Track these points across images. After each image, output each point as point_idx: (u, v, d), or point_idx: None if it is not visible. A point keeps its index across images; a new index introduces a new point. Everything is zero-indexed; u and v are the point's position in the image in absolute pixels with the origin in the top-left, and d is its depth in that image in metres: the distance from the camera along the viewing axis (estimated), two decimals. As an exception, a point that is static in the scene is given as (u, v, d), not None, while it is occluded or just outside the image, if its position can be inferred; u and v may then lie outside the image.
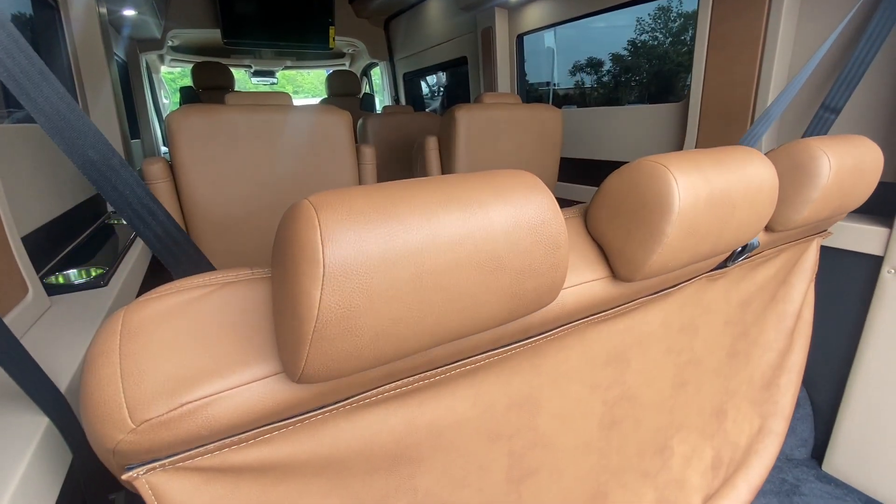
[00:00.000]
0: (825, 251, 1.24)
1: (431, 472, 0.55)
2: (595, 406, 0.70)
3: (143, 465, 0.37)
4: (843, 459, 1.32)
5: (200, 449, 0.38)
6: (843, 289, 1.27)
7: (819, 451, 1.40)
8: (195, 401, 0.35)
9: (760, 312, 0.98)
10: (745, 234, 0.65)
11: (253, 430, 0.40)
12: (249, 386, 0.37)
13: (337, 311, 0.32)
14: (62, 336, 0.70)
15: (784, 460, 1.40)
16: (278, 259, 0.35)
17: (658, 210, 0.53)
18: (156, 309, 0.38)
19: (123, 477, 0.36)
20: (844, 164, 0.77)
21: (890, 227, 1.14)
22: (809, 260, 1.04)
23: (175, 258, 0.47)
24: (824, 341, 1.32)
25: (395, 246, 0.33)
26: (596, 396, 0.69)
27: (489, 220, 0.38)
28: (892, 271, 1.15)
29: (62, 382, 0.58)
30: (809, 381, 1.39)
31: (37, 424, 0.50)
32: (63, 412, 0.52)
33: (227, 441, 0.39)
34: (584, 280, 0.57)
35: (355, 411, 0.47)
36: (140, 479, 0.36)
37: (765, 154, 0.72)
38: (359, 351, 0.35)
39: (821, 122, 1.15)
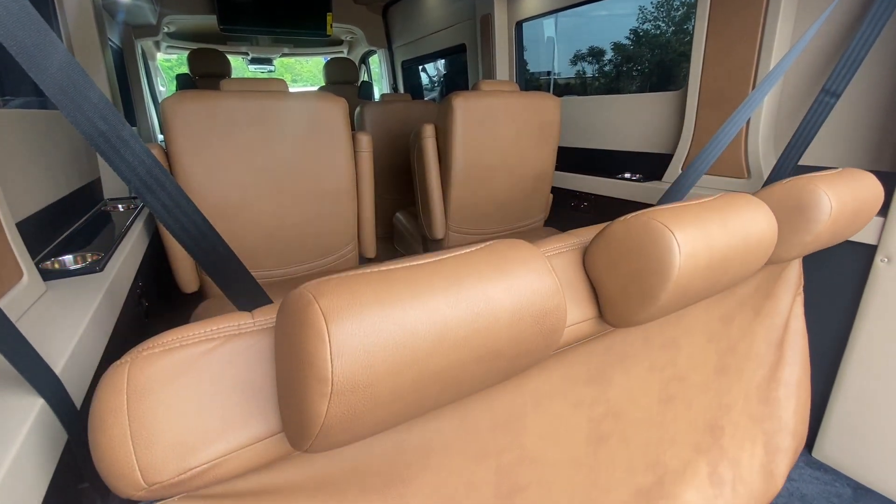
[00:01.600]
0: None
1: (422, 491, 0.56)
2: (580, 423, 0.71)
3: (154, 502, 0.39)
4: (832, 446, 1.34)
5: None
6: (836, 277, 1.28)
7: (809, 438, 1.42)
8: (203, 464, 0.37)
9: (747, 327, 0.98)
10: (733, 283, 0.67)
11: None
12: (254, 446, 0.39)
13: (341, 418, 0.34)
14: (57, 320, 0.71)
15: (775, 447, 1.41)
16: (285, 356, 0.36)
17: (657, 276, 0.55)
18: (160, 367, 0.38)
19: None
20: (845, 205, 0.77)
21: (884, 216, 1.15)
22: (793, 273, 1.04)
23: (183, 228, 0.48)
24: (817, 328, 1.33)
25: (403, 355, 0.34)
26: (580, 413, 0.71)
27: (495, 317, 0.39)
28: (885, 260, 1.15)
29: (57, 364, 0.58)
30: None
31: (31, 405, 0.51)
32: (58, 393, 0.53)
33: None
34: (573, 322, 0.59)
35: None
36: None
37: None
38: (359, 435, 0.37)
39: (821, 106, 1.15)
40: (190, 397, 0.38)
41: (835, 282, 1.29)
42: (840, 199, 0.76)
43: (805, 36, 0.98)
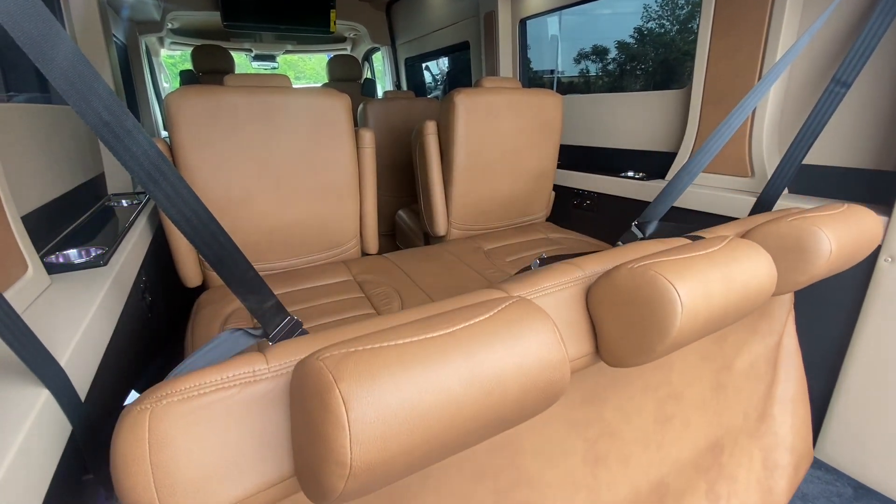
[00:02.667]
0: None
1: None
2: (576, 444, 0.73)
3: None
4: (835, 446, 1.34)
5: None
6: (839, 277, 1.28)
7: (812, 438, 1.42)
8: None
9: (742, 346, 0.98)
10: (728, 325, 0.69)
11: None
12: (268, 491, 0.42)
13: (356, 491, 0.36)
14: (62, 313, 0.71)
15: (776, 446, 1.41)
16: (303, 429, 0.38)
17: (657, 330, 0.57)
18: (179, 414, 0.40)
19: None
20: (844, 247, 0.78)
21: (888, 215, 1.14)
22: (786, 294, 1.04)
23: (186, 219, 0.48)
24: (819, 329, 1.32)
25: (416, 437, 0.37)
26: (575, 435, 0.72)
27: (505, 395, 0.42)
28: (890, 259, 1.15)
29: (62, 357, 0.59)
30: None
31: (36, 396, 0.51)
32: (63, 385, 0.53)
33: None
34: (571, 358, 0.61)
35: None
36: None
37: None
38: (375, 484, 0.40)
39: (831, 95, 1.14)
40: (209, 447, 0.40)
41: (838, 281, 1.28)
42: (840, 241, 0.78)
43: (811, 28, 0.98)
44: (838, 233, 0.78)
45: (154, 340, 1.21)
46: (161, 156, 0.46)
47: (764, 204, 1.19)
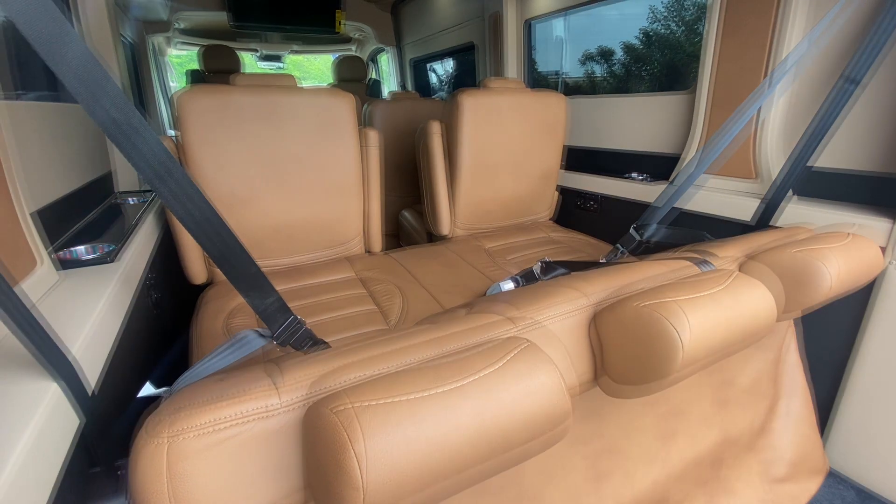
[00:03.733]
0: None
1: None
2: (576, 461, 0.74)
3: None
4: (839, 450, 1.33)
5: None
6: None
7: (822, 451, 1.41)
8: None
9: (745, 361, 0.99)
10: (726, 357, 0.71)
11: None
12: None
13: None
14: (72, 307, 0.72)
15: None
16: (316, 480, 0.40)
17: (657, 371, 0.59)
18: (196, 451, 0.42)
19: None
20: (845, 279, 0.82)
21: (893, 219, 1.14)
22: None
23: (190, 215, 0.49)
24: (823, 334, 1.32)
25: (425, 494, 0.39)
26: (576, 451, 0.73)
27: (508, 441, 0.44)
28: (895, 263, 1.14)
29: (72, 349, 0.60)
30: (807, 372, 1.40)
31: (47, 389, 0.52)
32: (73, 378, 0.54)
33: None
34: (572, 385, 0.63)
35: None
36: None
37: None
38: None
39: (840, 92, 1.13)
40: (225, 480, 0.42)
41: None
42: (840, 274, 0.81)
43: (818, 25, 0.98)
44: (839, 267, 0.82)
45: (159, 336, 1.23)
46: (167, 153, 0.47)
47: (769, 209, 1.18)
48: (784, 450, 1.07)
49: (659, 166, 1.93)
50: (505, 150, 1.85)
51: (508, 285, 1.15)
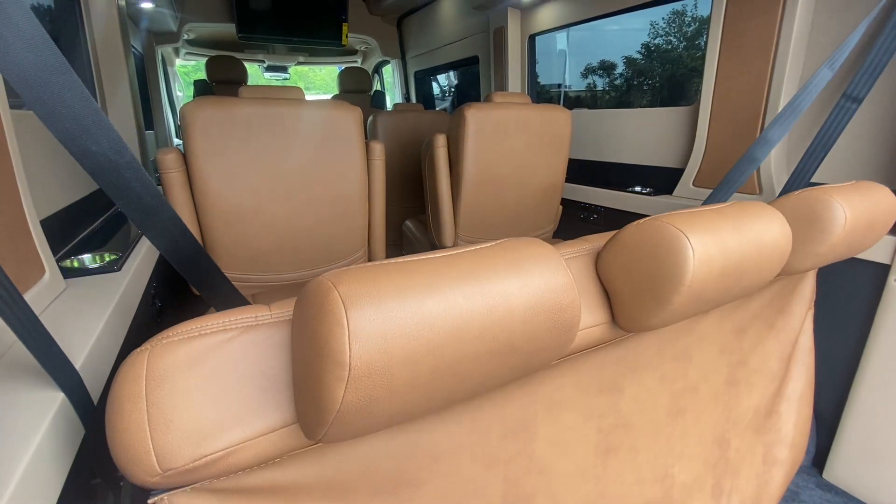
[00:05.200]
0: None
1: (430, 495, 0.56)
2: (590, 434, 0.71)
3: (166, 491, 0.39)
4: (844, 467, 1.31)
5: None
6: (849, 296, 1.27)
7: (820, 459, 1.39)
8: (217, 452, 0.38)
9: (759, 341, 0.97)
10: (747, 292, 0.66)
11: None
12: (268, 436, 0.40)
13: (358, 405, 0.34)
14: (77, 317, 0.72)
15: (785, 467, 1.39)
16: (302, 343, 0.37)
17: (670, 281, 0.54)
18: (179, 355, 0.39)
19: (149, 501, 0.39)
20: (859, 216, 0.76)
21: (897, 235, 1.14)
22: (807, 287, 1.03)
23: (161, 234, 0.50)
24: (828, 348, 1.31)
25: (419, 345, 0.35)
26: (591, 424, 0.70)
27: (510, 311, 0.39)
28: (899, 279, 1.14)
29: (76, 361, 0.60)
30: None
31: (52, 399, 0.52)
32: (77, 389, 0.54)
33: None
34: (586, 326, 0.58)
35: (359, 438, 0.49)
36: (164, 500, 0.39)
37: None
38: (374, 426, 0.38)
39: (842, 111, 1.14)
40: (207, 386, 0.39)
41: (848, 301, 1.27)
42: (854, 211, 0.75)
43: (839, 51, 0.98)
44: (852, 202, 0.75)
45: None
46: (157, 196, 0.49)
47: None
48: (787, 433, 1.07)
49: (662, 180, 1.93)
50: (509, 163, 1.86)
51: None
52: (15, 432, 0.47)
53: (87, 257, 1.01)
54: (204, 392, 0.39)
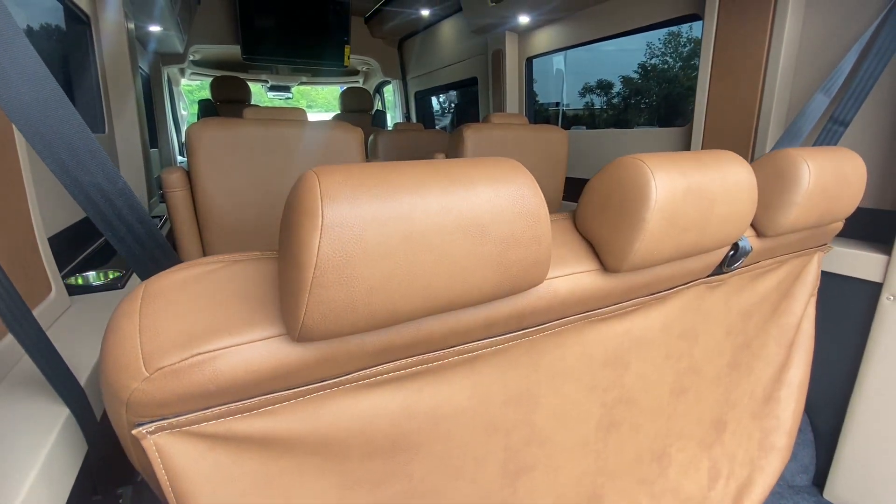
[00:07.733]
0: (825, 276, 1.25)
1: (427, 459, 0.56)
2: (592, 407, 0.70)
3: (153, 422, 0.39)
4: (844, 487, 1.31)
5: (207, 412, 0.41)
6: (843, 314, 1.28)
7: (820, 478, 1.38)
8: (205, 353, 0.38)
9: (762, 325, 0.98)
10: (729, 230, 0.67)
11: (257, 396, 0.43)
12: (254, 344, 0.40)
13: (334, 259, 0.35)
14: (81, 334, 0.74)
15: (785, 487, 1.38)
16: (285, 222, 0.39)
17: (637, 200, 0.56)
18: (174, 279, 0.42)
19: (133, 432, 0.39)
20: (825, 170, 0.79)
21: (888, 254, 1.16)
22: (811, 273, 1.04)
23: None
24: (825, 366, 1.32)
25: (386, 207, 0.37)
26: (594, 398, 0.70)
27: (474, 192, 0.42)
28: (892, 298, 1.15)
29: (81, 377, 0.61)
30: (811, 407, 1.38)
31: (58, 415, 0.53)
32: (82, 404, 0.55)
33: (233, 407, 0.42)
34: (574, 271, 0.59)
35: (355, 392, 0.48)
36: (148, 439, 0.39)
37: (750, 164, 0.74)
38: (354, 304, 0.38)
39: (829, 133, 1.16)
40: (198, 300, 0.41)
41: (842, 319, 1.28)
42: (821, 170, 0.77)
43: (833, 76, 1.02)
44: (819, 163, 0.78)
45: None
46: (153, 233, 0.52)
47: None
48: (786, 420, 1.07)
49: None
50: None
51: None
52: (22, 446, 0.48)
53: (91, 274, 1.03)
54: (196, 305, 0.40)
